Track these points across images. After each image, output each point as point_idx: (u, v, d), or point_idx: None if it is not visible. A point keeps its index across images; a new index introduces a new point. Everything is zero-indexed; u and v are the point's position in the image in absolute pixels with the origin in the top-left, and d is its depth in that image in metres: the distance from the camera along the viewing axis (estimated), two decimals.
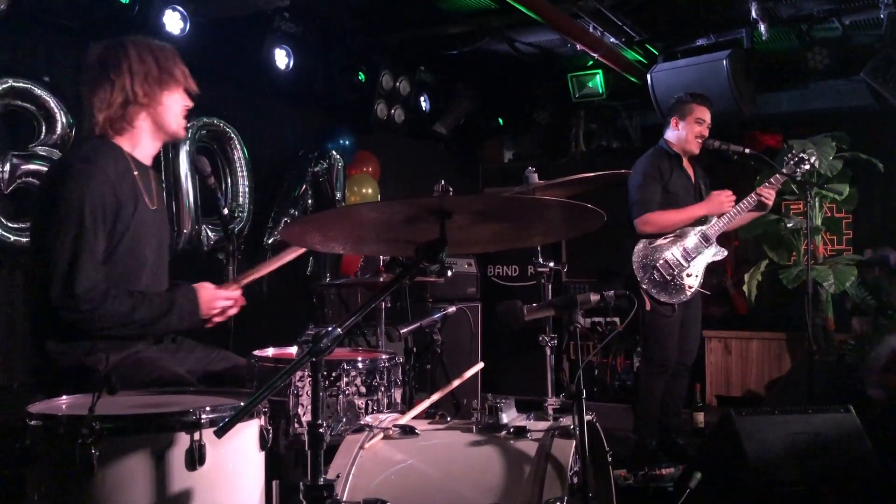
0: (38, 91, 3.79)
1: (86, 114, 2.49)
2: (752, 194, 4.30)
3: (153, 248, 2.48)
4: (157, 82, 2.45)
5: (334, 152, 5.53)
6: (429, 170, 6.58)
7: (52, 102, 3.83)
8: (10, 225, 3.67)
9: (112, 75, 2.40)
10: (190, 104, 2.56)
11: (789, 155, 4.39)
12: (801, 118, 6.50)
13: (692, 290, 4.29)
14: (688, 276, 4.28)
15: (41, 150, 3.81)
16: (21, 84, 3.73)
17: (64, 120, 3.85)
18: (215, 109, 4.74)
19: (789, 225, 5.83)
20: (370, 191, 5.83)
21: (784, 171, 4.31)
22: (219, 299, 2.51)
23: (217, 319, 2.57)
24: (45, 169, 3.72)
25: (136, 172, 2.45)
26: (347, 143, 5.79)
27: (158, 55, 2.47)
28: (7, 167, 3.65)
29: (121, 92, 2.40)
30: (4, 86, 3.67)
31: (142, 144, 2.50)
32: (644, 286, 4.27)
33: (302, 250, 2.75)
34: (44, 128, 3.83)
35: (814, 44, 5.55)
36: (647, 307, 4.21)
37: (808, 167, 4.31)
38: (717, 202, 4.31)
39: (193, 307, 2.45)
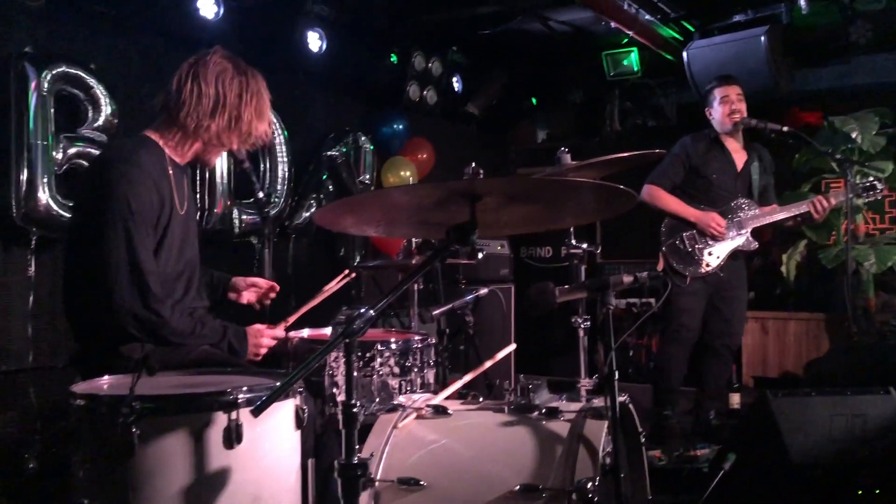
0: (86, 77, 3.85)
1: (165, 95, 2.43)
2: (804, 204, 4.24)
3: (181, 255, 2.47)
4: (249, 124, 2.43)
5: (361, 136, 5.54)
6: (461, 151, 6.56)
7: (99, 89, 3.89)
8: (64, 203, 3.73)
9: (221, 90, 2.37)
10: (236, 149, 2.54)
11: (862, 181, 4.29)
12: (842, 94, 6.34)
13: (709, 268, 4.33)
14: (709, 254, 4.32)
15: (88, 134, 3.88)
16: (73, 70, 3.80)
17: (109, 107, 3.93)
18: None
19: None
20: (408, 173, 5.83)
21: (850, 194, 4.22)
22: (264, 345, 2.50)
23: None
24: (93, 151, 3.80)
25: (171, 173, 2.43)
26: (401, 127, 5.82)
27: (264, 95, 2.48)
28: (60, 148, 3.74)
29: (217, 109, 2.37)
30: (58, 70, 3.72)
31: (182, 153, 2.49)
32: (664, 248, 4.38)
33: (344, 280, 2.75)
34: (90, 113, 3.90)
35: (856, 17, 5.41)
36: (659, 267, 4.30)
37: (877, 195, 4.23)
38: (706, 222, 4.30)
39: (241, 347, 2.45)
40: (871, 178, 4.29)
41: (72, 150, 3.80)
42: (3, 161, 3.62)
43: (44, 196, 3.67)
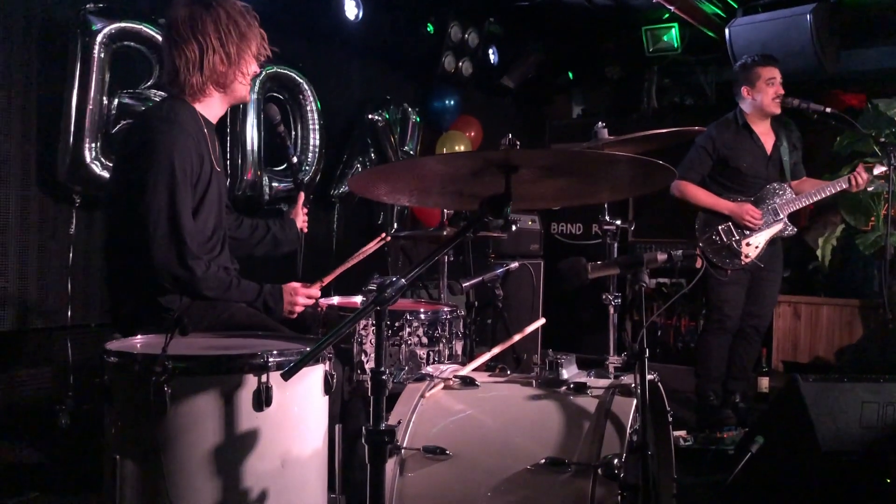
0: (151, 32, 3.79)
1: (164, 71, 2.51)
2: (842, 181, 4.15)
3: (217, 213, 2.52)
4: (238, 49, 2.46)
5: (409, 107, 5.54)
6: (498, 125, 6.52)
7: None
8: (109, 164, 3.70)
9: (199, 37, 2.40)
10: (257, 70, 2.58)
11: (889, 146, 4.17)
12: (887, 75, 6.17)
13: (748, 259, 4.24)
14: (747, 245, 4.23)
15: (152, 93, 3.85)
16: (137, 25, 3.75)
17: None
18: (286, 59, 4.75)
19: (869, 189, 5.59)
20: (462, 148, 5.84)
21: (893, 178, 4.11)
22: (300, 303, 2.53)
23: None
24: None
25: (206, 133, 2.48)
26: (453, 102, 5.81)
27: (239, 20, 2.47)
28: (115, 105, 3.71)
29: (206, 55, 2.41)
30: (121, 24, 3.69)
31: (211, 107, 2.53)
32: (701, 244, 4.28)
33: (380, 243, 2.76)
34: (156, 70, 3.86)
35: None
36: (698, 264, 4.19)
37: None
38: (740, 214, 4.20)
39: (276, 304, 2.48)
40: None
41: (129, 108, 3.76)
42: (56, 118, 3.63)
43: (89, 155, 3.67)
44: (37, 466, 3.47)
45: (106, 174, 3.69)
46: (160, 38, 3.74)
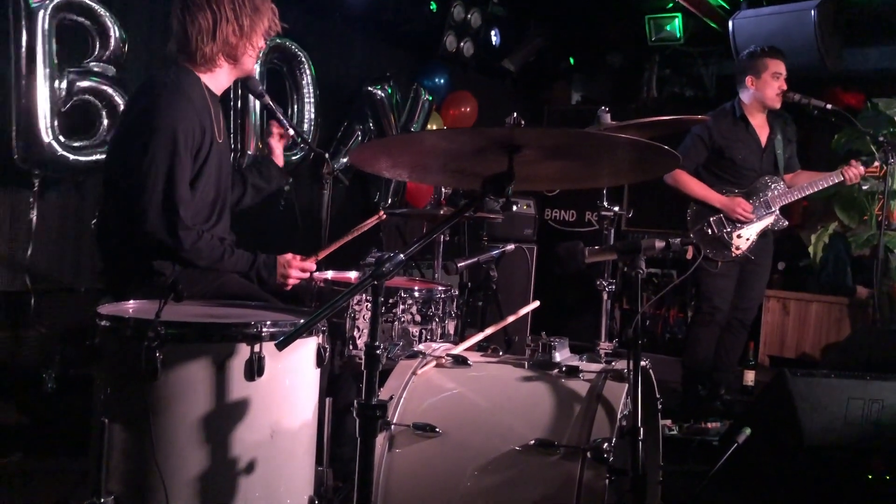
0: (93, 4, 3.66)
1: (174, 38, 2.48)
2: (834, 175, 4.16)
3: (216, 183, 2.51)
4: (251, 22, 2.46)
5: (420, 87, 5.53)
6: (496, 107, 6.49)
7: (107, 17, 3.71)
8: (67, 143, 3.61)
9: (214, 6, 2.40)
10: (264, 45, 2.59)
11: (885, 144, 4.17)
12: (888, 76, 6.18)
13: (739, 251, 4.24)
14: (738, 237, 4.23)
15: (95, 67, 3.72)
16: None
17: (118, 34, 3.74)
18: (286, 31, 4.69)
19: (864, 187, 5.61)
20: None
21: (875, 159, 4.13)
22: (293, 276, 2.52)
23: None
24: (103, 86, 3.70)
25: (210, 104, 2.47)
26: (441, 81, 5.77)
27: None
28: (64, 84, 3.59)
29: (220, 25, 2.40)
30: None
31: (218, 78, 2.53)
32: (691, 234, 4.27)
33: (377, 219, 2.74)
34: (98, 43, 3.73)
35: None
36: (689, 255, 4.19)
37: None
38: (731, 208, 4.20)
39: (270, 275, 2.48)
40: None
41: (80, 85, 3.63)
42: (3, 99, 3.47)
43: (47, 137, 3.52)
44: (21, 428, 3.46)
45: (66, 154, 3.59)
46: (100, 10, 3.68)
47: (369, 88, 5.31)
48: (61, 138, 3.59)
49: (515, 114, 1.87)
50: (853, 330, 5.68)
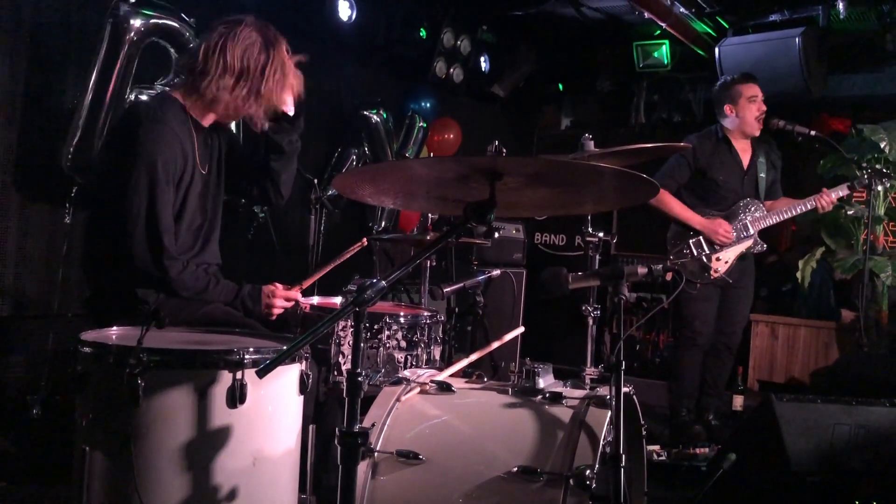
0: (180, 27, 3.72)
1: (188, 56, 2.47)
2: (812, 199, 4.21)
3: (202, 210, 2.51)
4: (270, 94, 2.46)
5: (416, 114, 5.57)
6: (485, 132, 6.53)
7: (190, 40, 3.73)
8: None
9: (247, 65, 2.39)
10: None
11: (869, 171, 4.24)
12: (873, 102, 6.24)
13: (717, 274, 4.27)
14: (717, 259, 4.26)
15: (160, 86, 3.78)
16: (165, 21, 3.69)
17: None
18: None
19: (850, 213, 5.65)
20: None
21: (856, 184, 4.19)
22: (278, 305, 2.51)
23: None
24: None
25: (194, 134, 2.46)
26: (428, 105, 5.81)
27: (288, 68, 2.51)
28: (129, 100, 3.67)
29: (239, 84, 2.39)
30: (150, 21, 3.64)
31: (206, 115, 2.51)
32: (671, 256, 4.30)
33: (360, 246, 2.74)
34: (174, 66, 3.78)
35: (893, 25, 5.32)
36: (668, 277, 4.20)
37: (886, 185, 4.19)
38: (712, 230, 4.24)
39: (255, 305, 2.47)
40: (884, 169, 4.22)
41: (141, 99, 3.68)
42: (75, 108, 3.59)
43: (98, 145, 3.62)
44: (6, 456, 3.43)
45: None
46: (187, 36, 3.71)
47: (364, 112, 5.34)
48: None
49: (497, 142, 1.88)
50: (841, 354, 5.70)
